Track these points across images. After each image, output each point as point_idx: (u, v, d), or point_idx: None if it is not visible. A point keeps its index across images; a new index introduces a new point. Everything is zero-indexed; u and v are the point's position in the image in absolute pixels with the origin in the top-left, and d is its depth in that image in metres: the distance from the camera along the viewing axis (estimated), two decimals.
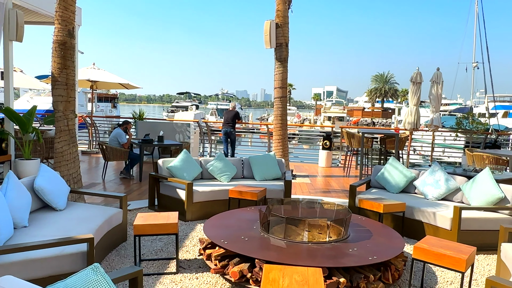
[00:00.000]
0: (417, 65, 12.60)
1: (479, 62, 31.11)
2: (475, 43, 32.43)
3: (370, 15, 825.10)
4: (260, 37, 9.43)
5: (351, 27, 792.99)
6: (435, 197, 5.77)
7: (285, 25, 9.38)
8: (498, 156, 8.97)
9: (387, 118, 61.00)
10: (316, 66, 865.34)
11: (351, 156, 10.72)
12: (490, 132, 12.24)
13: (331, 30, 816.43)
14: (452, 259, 3.36)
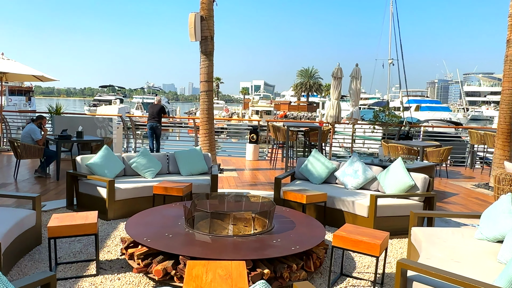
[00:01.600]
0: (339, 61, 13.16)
1: (394, 59, 33.30)
2: (390, 41, 34.65)
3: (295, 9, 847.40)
4: (186, 29, 9.26)
5: (278, 22, 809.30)
6: (354, 187, 6.08)
7: (210, 18, 9.29)
8: (410, 146, 9.68)
9: (312, 112, 63.26)
10: (244, 60, 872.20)
11: (277, 149, 10.94)
12: (403, 125, 13.17)
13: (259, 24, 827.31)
14: (368, 245, 3.56)
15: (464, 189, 8.79)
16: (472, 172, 11.24)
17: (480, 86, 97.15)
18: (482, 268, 3.28)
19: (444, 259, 3.46)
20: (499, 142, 8.72)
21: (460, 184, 9.32)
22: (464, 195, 8.20)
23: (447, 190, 8.62)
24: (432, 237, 3.98)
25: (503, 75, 8.69)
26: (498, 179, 6.24)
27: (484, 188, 8.85)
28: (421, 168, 7.39)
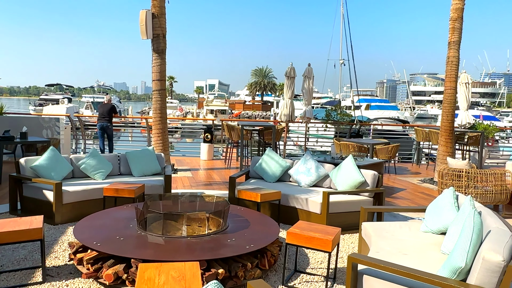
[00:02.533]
0: (293, 60, 13.34)
1: (346, 60, 34.26)
2: (341, 41, 35.56)
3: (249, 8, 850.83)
4: (138, 25, 9.03)
5: (232, 21, 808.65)
6: (307, 184, 6.19)
7: (162, 15, 9.12)
8: (360, 144, 9.98)
9: (266, 111, 63.77)
10: (199, 59, 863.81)
11: (231, 148, 10.93)
12: (354, 123, 13.57)
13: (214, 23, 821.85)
14: (320, 241, 3.63)
15: (411, 184, 9.19)
16: (418, 168, 11.78)
17: (425, 86, 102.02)
18: (427, 259, 3.44)
19: (392, 252, 3.60)
20: (442, 139, 9.19)
21: (407, 179, 9.73)
22: (411, 190, 8.57)
23: (396, 185, 8.97)
24: (381, 231, 4.13)
25: (445, 76, 9.16)
26: (442, 174, 6.58)
27: (429, 183, 9.29)
28: (371, 165, 7.65)
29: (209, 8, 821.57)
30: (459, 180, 6.41)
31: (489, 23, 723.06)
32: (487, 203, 6.37)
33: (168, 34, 9.32)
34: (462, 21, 8.96)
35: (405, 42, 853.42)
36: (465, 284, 2.71)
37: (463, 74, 11.69)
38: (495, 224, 3.22)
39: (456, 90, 9.47)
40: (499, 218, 3.48)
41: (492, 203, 6.44)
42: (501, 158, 14.69)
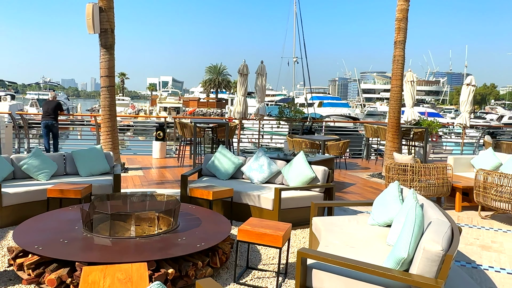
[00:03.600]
0: (247, 58, 13.37)
1: (299, 57, 34.79)
2: (294, 40, 36.04)
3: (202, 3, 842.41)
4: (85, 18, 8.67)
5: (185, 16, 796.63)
6: (260, 181, 6.21)
7: (110, 9, 8.82)
8: (312, 141, 10.17)
9: (221, 108, 63.52)
10: (152, 56, 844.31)
11: (184, 146, 10.78)
12: (306, 120, 13.79)
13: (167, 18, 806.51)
14: (271, 237, 3.65)
15: (360, 179, 9.47)
16: (368, 163, 12.17)
17: (375, 84, 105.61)
18: (374, 251, 3.55)
19: (341, 245, 3.68)
20: (389, 135, 9.54)
21: (357, 174, 10.03)
22: (361, 184, 8.84)
23: (346, 180, 9.22)
24: (331, 226, 4.22)
25: (392, 74, 9.51)
26: (388, 169, 6.82)
27: (377, 177, 9.62)
28: (322, 161, 7.80)
29: (162, 3, 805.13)
30: (404, 174, 6.67)
31: (433, 24, 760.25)
32: (430, 196, 6.68)
33: (118, 28, 9.05)
34: (407, 22, 9.32)
35: (356, 41, 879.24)
36: (408, 274, 2.81)
37: (409, 72, 12.20)
38: (436, 216, 3.38)
39: (402, 88, 9.85)
40: (439, 209, 3.65)
41: (435, 196, 6.76)
42: (444, 152, 15.47)
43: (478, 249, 5.02)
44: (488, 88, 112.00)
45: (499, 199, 5.97)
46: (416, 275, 2.76)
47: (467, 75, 16.35)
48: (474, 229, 5.83)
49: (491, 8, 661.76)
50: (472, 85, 12.55)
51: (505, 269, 4.41)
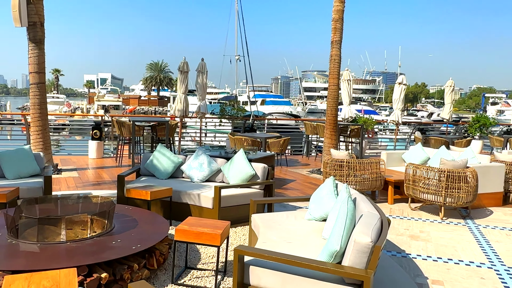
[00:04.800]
0: (189, 55, 13.16)
1: (241, 55, 34.81)
2: (236, 37, 36.01)
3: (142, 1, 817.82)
4: None
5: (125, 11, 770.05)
6: (200, 180, 6.15)
7: (38, 1, 8.31)
8: (254, 138, 10.24)
9: (163, 106, 62.26)
10: (89, 51, 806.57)
11: (123, 145, 10.44)
12: (248, 118, 13.88)
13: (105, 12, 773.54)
14: (209, 236, 3.63)
15: (300, 175, 9.69)
16: (308, 159, 12.47)
17: (316, 83, 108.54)
18: (310, 246, 3.64)
19: (278, 241, 3.74)
20: (327, 132, 9.84)
21: (297, 171, 10.25)
22: (301, 180, 9.04)
23: (287, 177, 9.39)
24: (269, 222, 4.27)
25: (329, 73, 9.80)
26: (326, 165, 7.03)
27: (317, 173, 9.89)
28: (263, 158, 7.88)
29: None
30: (341, 169, 6.91)
31: (370, 24, 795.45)
32: (365, 190, 6.97)
33: (49, 22, 8.55)
34: (343, 22, 9.65)
35: (297, 39, 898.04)
36: (340, 266, 2.91)
37: (345, 71, 12.65)
38: (367, 209, 3.52)
39: (339, 86, 10.19)
40: (371, 203, 3.82)
41: (369, 189, 7.06)
42: (380, 148, 16.25)
43: (408, 239, 5.32)
44: (419, 87, 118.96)
45: (426, 191, 6.36)
46: (347, 266, 2.86)
47: (400, 75, 17.37)
48: (404, 220, 6.16)
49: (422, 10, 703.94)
50: (404, 84, 13.26)
51: (431, 257, 4.70)
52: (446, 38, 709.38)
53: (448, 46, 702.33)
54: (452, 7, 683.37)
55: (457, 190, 6.13)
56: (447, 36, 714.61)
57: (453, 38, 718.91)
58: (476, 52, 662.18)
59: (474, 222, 6.18)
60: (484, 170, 6.96)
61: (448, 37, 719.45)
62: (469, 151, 7.88)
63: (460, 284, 4.02)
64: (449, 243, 5.21)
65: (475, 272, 4.31)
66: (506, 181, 7.34)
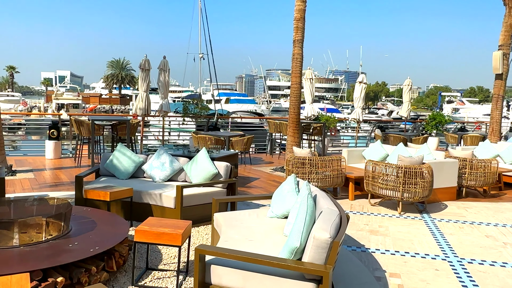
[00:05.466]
0: (151, 52, 12.93)
1: (205, 53, 34.43)
2: (200, 35, 35.66)
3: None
4: None
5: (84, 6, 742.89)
6: (162, 179, 6.07)
7: None
8: (217, 137, 10.20)
9: (125, 105, 60.89)
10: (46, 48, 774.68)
11: (82, 145, 10.13)
12: (212, 116, 13.80)
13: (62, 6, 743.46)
14: (170, 236, 3.59)
15: (264, 173, 9.74)
16: (272, 157, 12.55)
17: (280, 81, 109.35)
18: (272, 243, 3.67)
19: (240, 239, 3.74)
20: (290, 130, 9.93)
21: (261, 169, 10.29)
22: (264, 178, 9.09)
23: (250, 175, 9.41)
24: (231, 220, 4.27)
25: (292, 72, 9.89)
26: (288, 162, 7.11)
27: (280, 171, 9.98)
28: (226, 157, 7.87)
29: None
30: (303, 167, 7.00)
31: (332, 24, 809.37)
32: (326, 187, 7.10)
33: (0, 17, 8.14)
34: (305, 21, 9.76)
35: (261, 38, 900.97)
36: (300, 262, 2.95)
37: (308, 70, 12.81)
38: (327, 205, 3.59)
39: (302, 85, 10.30)
40: (331, 199, 3.89)
41: (331, 186, 7.19)
42: (342, 145, 16.56)
43: (367, 233, 5.46)
44: (380, 86, 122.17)
45: (385, 187, 6.55)
46: (307, 262, 2.90)
47: (361, 74, 17.75)
48: (364, 216, 6.32)
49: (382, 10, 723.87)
50: (364, 83, 13.58)
51: (389, 251, 4.85)
52: (405, 38, 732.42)
53: (407, 46, 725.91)
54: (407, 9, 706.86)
55: (414, 185, 6.35)
56: (406, 36, 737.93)
57: (412, 39, 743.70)
58: (433, 53, 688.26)
59: (430, 216, 6.43)
60: (439, 166, 7.24)
61: (407, 38, 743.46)
62: (425, 148, 8.17)
63: (416, 276, 4.17)
64: (406, 236, 5.39)
65: (430, 264, 4.48)
66: (460, 176, 7.67)
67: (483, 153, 9.37)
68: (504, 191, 8.49)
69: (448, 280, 4.08)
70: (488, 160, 7.71)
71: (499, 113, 12.26)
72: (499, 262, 4.59)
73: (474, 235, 5.55)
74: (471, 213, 6.67)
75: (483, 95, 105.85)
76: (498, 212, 6.77)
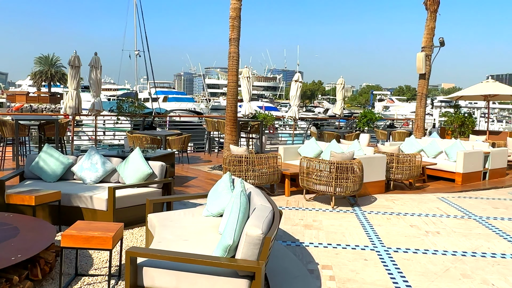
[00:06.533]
0: (82, 48, 12.34)
1: (141, 51, 33.49)
2: (135, 32, 34.62)
3: None
4: None
5: None
6: (93, 181, 5.82)
7: None
8: (153, 136, 9.98)
9: (56, 104, 57.64)
10: None
11: (4, 147, 9.44)
12: (147, 115, 13.48)
13: None
14: (100, 239, 3.46)
15: (202, 172, 9.68)
16: (210, 156, 12.50)
17: (219, 80, 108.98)
18: (207, 242, 3.65)
19: (174, 239, 3.69)
20: (227, 129, 9.95)
21: (199, 168, 10.22)
22: (202, 177, 9.03)
23: (188, 174, 9.31)
24: (165, 221, 4.20)
25: (228, 70, 9.91)
26: (225, 161, 7.12)
27: (218, 169, 9.96)
28: (162, 156, 7.72)
29: None
30: (240, 165, 7.05)
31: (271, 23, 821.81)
32: (263, 184, 7.20)
33: None
34: (240, 20, 9.81)
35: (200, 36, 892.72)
36: (233, 259, 2.98)
37: (245, 69, 12.90)
38: (260, 202, 3.64)
39: (239, 83, 10.36)
40: (265, 196, 3.95)
41: (268, 183, 7.31)
42: (280, 143, 16.89)
43: (302, 228, 5.62)
44: (316, 85, 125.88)
45: (319, 183, 6.77)
46: (240, 259, 2.93)
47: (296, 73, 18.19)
48: (299, 211, 6.50)
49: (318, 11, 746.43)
50: (300, 82, 13.93)
51: (322, 244, 5.03)
52: (340, 39, 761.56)
53: (342, 46, 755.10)
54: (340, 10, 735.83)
55: (345, 180, 6.62)
56: (341, 37, 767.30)
57: (346, 40, 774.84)
58: (362, 53, 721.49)
59: (361, 209, 6.74)
60: (369, 161, 7.62)
61: (342, 38, 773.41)
62: (356, 144, 8.55)
63: (347, 266, 4.36)
64: (339, 229, 5.61)
65: (359, 255, 4.71)
66: (388, 170, 8.12)
67: (408, 148, 9.99)
68: (427, 183, 9.11)
69: (376, 269, 4.31)
70: (413, 154, 8.23)
71: (423, 111, 13.12)
72: (421, 250, 4.93)
73: (400, 225, 5.91)
74: (398, 205, 7.08)
75: (411, 94, 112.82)
76: (422, 203, 7.26)
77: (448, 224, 6.01)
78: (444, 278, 4.13)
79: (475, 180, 9.35)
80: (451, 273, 4.25)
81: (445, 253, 4.84)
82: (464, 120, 14.21)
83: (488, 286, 3.99)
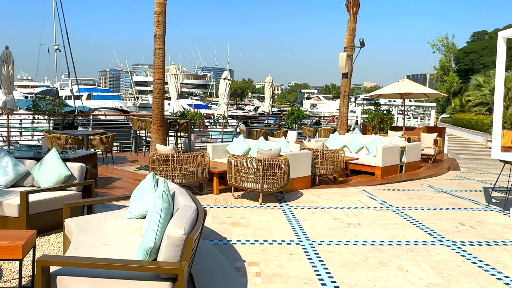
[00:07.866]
0: None
1: (61, 45, 31.45)
2: (54, 25, 32.48)
3: None
4: None
5: None
6: (3, 185, 5.37)
7: None
8: (74, 136, 9.44)
9: None
10: None
11: None
12: (68, 113, 12.72)
13: None
14: (7, 248, 3.18)
15: (128, 172, 9.33)
16: (137, 156, 12.10)
17: (147, 77, 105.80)
18: (129, 245, 3.51)
19: (93, 245, 3.51)
20: (154, 127, 9.69)
21: (125, 168, 9.84)
22: (128, 178, 8.71)
23: (113, 175, 8.93)
24: (84, 225, 3.97)
25: (154, 67, 9.63)
26: (151, 160, 6.92)
27: (145, 169, 9.66)
28: (84, 157, 7.34)
29: None
30: (166, 164, 6.88)
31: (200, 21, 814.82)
32: (191, 183, 7.10)
33: None
34: (166, 16, 9.58)
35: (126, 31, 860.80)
36: (155, 262, 2.89)
37: (172, 66, 12.64)
38: (184, 202, 3.57)
39: (165, 80, 10.11)
40: (189, 195, 3.88)
41: (196, 182, 7.21)
42: (211, 141, 16.78)
43: (230, 226, 5.62)
44: (246, 83, 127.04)
45: (246, 180, 6.81)
46: (162, 262, 2.85)
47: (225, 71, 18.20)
48: (228, 209, 6.49)
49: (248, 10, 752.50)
50: (228, 79, 13.92)
51: (249, 241, 5.06)
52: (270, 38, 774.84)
53: (271, 45, 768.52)
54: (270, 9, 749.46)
55: (272, 176, 6.73)
56: (270, 36, 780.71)
57: (275, 39, 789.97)
58: (293, 52, 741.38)
59: (287, 204, 6.90)
60: (295, 157, 7.81)
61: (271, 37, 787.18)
62: (283, 141, 8.74)
63: (273, 262, 4.43)
64: (266, 226, 5.69)
65: (285, 250, 4.81)
66: (313, 165, 8.38)
67: (333, 144, 10.40)
68: (350, 177, 9.55)
69: (301, 263, 4.43)
70: (337, 150, 8.58)
71: (346, 108, 13.75)
72: (343, 241, 5.15)
73: (324, 219, 6.13)
74: (323, 199, 7.35)
75: (336, 92, 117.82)
76: (345, 197, 7.59)
77: (368, 215, 6.35)
78: (363, 268, 4.34)
79: (392, 173, 9.98)
80: (370, 262, 4.49)
81: (365, 243, 5.09)
82: (383, 117, 15.09)
83: (402, 272, 4.26)
